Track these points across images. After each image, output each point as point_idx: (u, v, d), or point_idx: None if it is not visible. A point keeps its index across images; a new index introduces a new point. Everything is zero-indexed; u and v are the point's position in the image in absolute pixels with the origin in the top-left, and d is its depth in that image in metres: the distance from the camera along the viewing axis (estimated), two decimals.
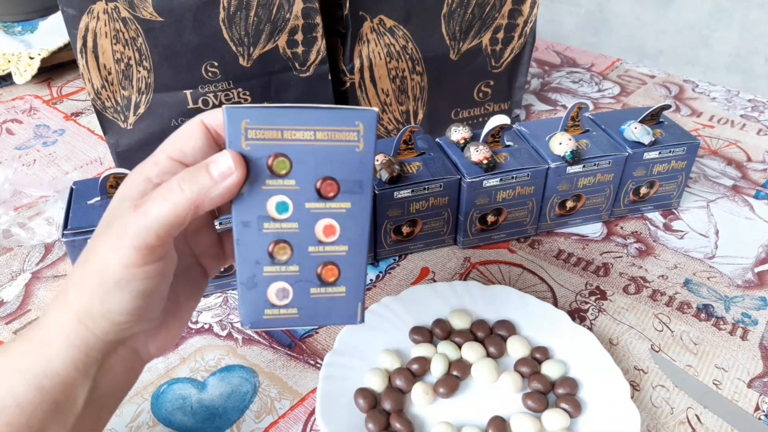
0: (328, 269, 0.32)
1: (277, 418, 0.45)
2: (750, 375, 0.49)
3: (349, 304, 0.33)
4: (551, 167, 0.58)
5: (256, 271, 0.31)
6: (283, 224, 0.31)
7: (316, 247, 0.32)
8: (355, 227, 0.32)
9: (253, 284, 0.31)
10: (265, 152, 0.30)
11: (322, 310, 0.32)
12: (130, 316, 0.30)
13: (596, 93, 0.91)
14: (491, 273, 0.58)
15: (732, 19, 1.85)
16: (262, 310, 0.32)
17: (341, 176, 0.31)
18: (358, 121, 0.30)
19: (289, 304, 0.32)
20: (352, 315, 0.33)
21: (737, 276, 0.58)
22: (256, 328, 0.31)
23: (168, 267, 0.31)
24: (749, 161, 0.75)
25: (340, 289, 0.32)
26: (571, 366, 0.47)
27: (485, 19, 0.68)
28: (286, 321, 0.32)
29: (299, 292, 0.32)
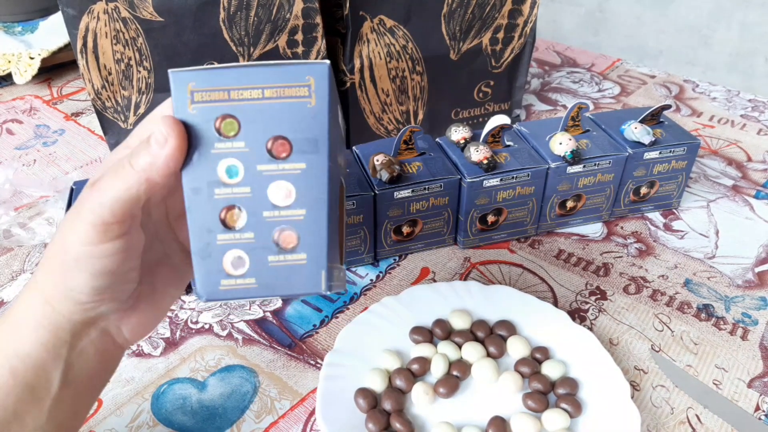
0: (286, 235, 0.30)
1: (277, 418, 0.45)
2: (750, 375, 0.49)
3: (310, 272, 0.30)
4: (551, 167, 0.58)
5: (210, 239, 0.30)
6: (235, 189, 0.29)
7: (270, 211, 0.30)
8: (312, 189, 0.30)
9: (207, 254, 0.30)
10: (212, 114, 0.29)
11: (282, 280, 0.30)
12: (93, 295, 0.30)
13: (596, 93, 0.91)
14: (491, 273, 0.58)
15: (732, 19, 1.85)
16: (218, 281, 0.30)
17: (293, 135, 0.29)
18: (308, 76, 0.29)
19: (246, 273, 0.30)
20: (315, 283, 0.30)
21: (737, 276, 0.58)
22: (212, 300, 0.30)
23: (130, 247, 0.30)
24: (749, 161, 0.75)
25: (300, 256, 0.30)
26: (571, 366, 0.47)
27: (485, 19, 0.68)
28: (244, 291, 0.30)
29: (256, 261, 0.30)
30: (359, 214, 0.54)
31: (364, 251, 0.57)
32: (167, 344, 0.51)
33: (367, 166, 0.56)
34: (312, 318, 0.53)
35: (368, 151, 0.58)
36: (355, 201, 0.53)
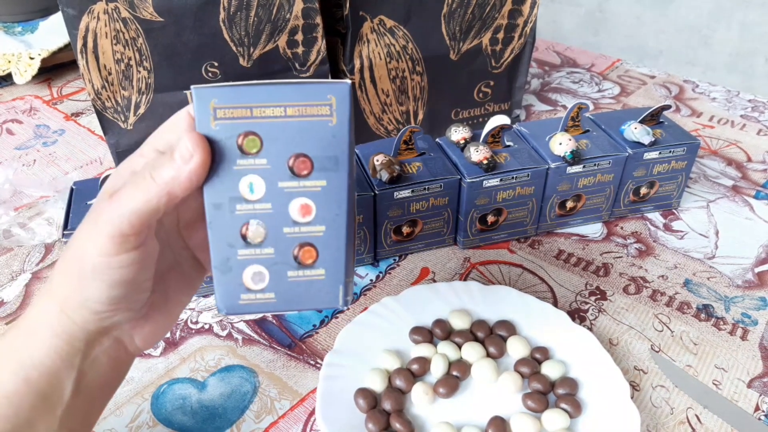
0: (305, 251, 0.30)
1: (277, 418, 0.45)
2: (750, 375, 0.49)
3: (329, 288, 0.31)
4: (551, 167, 0.58)
5: (230, 254, 0.30)
6: (256, 205, 0.30)
7: (291, 228, 0.30)
8: (332, 206, 0.30)
9: (227, 268, 0.30)
10: (234, 131, 0.29)
11: (301, 294, 0.31)
12: (109, 305, 0.30)
13: (596, 93, 0.91)
14: (491, 273, 0.58)
15: (732, 19, 1.85)
16: (238, 295, 0.31)
17: (314, 153, 0.30)
18: (329, 95, 0.29)
19: (266, 288, 0.31)
20: (333, 299, 0.31)
21: (737, 276, 0.58)
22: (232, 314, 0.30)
23: (146, 257, 0.30)
24: (749, 161, 0.75)
25: (318, 271, 0.31)
26: (571, 366, 0.47)
27: (485, 19, 0.68)
28: (263, 306, 0.31)
29: (276, 276, 0.30)
30: (359, 214, 0.54)
31: (364, 251, 0.57)
32: (167, 344, 0.51)
33: (367, 166, 0.56)
34: (312, 318, 0.53)
35: (368, 151, 0.58)
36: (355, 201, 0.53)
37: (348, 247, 0.31)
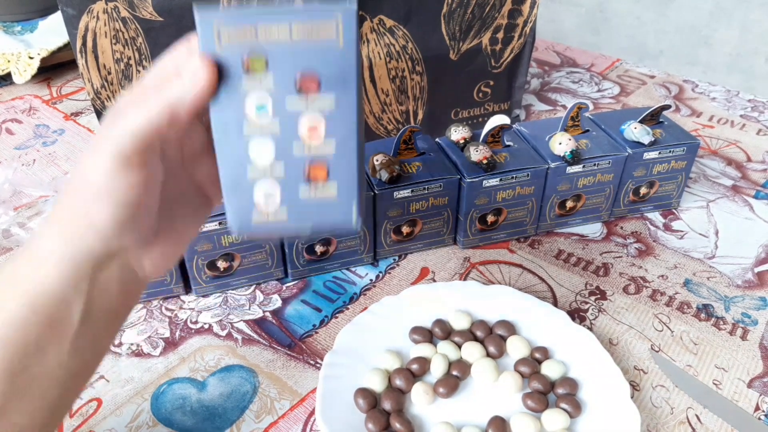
0: (316, 168, 0.30)
1: (277, 418, 0.45)
2: (750, 375, 0.49)
3: (342, 206, 0.31)
4: (551, 167, 0.58)
5: (240, 174, 0.30)
6: (264, 124, 0.30)
7: (300, 146, 0.30)
8: (341, 124, 0.30)
9: (237, 188, 0.30)
10: (239, 51, 0.29)
11: (313, 214, 0.31)
12: (114, 228, 0.29)
13: (596, 93, 0.91)
14: (491, 273, 0.58)
15: (732, 19, 1.85)
16: (250, 216, 0.30)
17: (322, 71, 0.29)
18: (335, 14, 0.29)
19: (277, 208, 0.30)
20: (346, 218, 0.31)
21: (737, 276, 0.58)
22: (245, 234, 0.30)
23: (150, 179, 0.30)
24: (749, 161, 0.75)
25: (330, 190, 0.30)
26: (571, 366, 0.47)
27: (485, 19, 0.68)
28: (276, 226, 0.31)
29: (287, 195, 0.30)
30: None
31: (363, 251, 0.57)
32: (167, 344, 0.51)
33: (367, 166, 0.56)
34: (311, 318, 0.53)
35: (368, 151, 0.58)
36: None
37: (359, 165, 0.31)
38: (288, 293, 0.56)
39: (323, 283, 0.57)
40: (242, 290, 0.56)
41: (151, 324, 0.53)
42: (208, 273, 0.53)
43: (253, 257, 0.54)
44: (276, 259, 0.55)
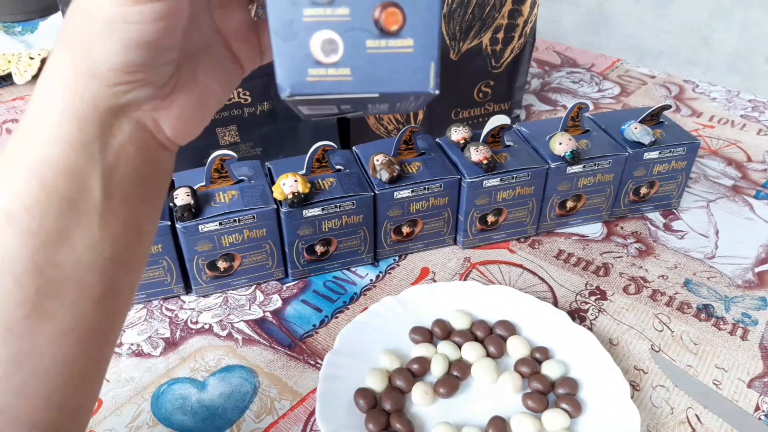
0: (390, 13, 0.24)
1: (277, 418, 0.45)
2: (750, 375, 0.49)
3: (418, 64, 0.24)
4: (551, 167, 0.58)
5: (294, 14, 0.23)
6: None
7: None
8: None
9: (291, 33, 0.24)
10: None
11: (383, 71, 0.24)
12: (123, 73, 0.24)
13: (596, 93, 0.91)
14: (491, 273, 0.58)
15: (732, 19, 1.85)
16: (305, 69, 0.24)
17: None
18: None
19: (340, 61, 0.24)
20: (423, 79, 0.25)
21: (737, 276, 0.58)
22: (298, 94, 0.24)
23: (173, 14, 0.24)
24: (749, 161, 0.75)
25: (406, 42, 0.24)
26: (571, 366, 0.47)
27: (485, 19, 0.68)
28: (336, 85, 0.24)
29: (352, 45, 0.24)
30: (359, 214, 0.54)
31: (363, 251, 0.57)
32: (167, 344, 0.51)
33: (367, 166, 0.56)
34: (312, 318, 0.53)
35: (368, 151, 0.58)
36: (355, 201, 0.53)
37: (441, 12, 0.24)
38: (288, 293, 0.56)
39: (323, 283, 0.57)
40: (242, 290, 0.56)
41: (151, 324, 0.53)
42: (208, 273, 0.53)
43: (253, 257, 0.54)
44: (276, 260, 0.55)
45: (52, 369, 0.26)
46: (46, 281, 0.25)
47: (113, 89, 0.24)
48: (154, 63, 0.25)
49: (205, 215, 0.50)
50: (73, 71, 0.24)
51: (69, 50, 0.24)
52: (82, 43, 0.24)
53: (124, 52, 0.23)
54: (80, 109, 0.24)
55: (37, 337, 0.25)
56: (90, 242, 0.26)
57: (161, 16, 0.23)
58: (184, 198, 0.50)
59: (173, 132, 0.28)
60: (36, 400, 0.26)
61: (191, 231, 0.50)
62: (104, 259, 0.26)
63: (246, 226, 0.52)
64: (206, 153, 0.54)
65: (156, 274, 0.52)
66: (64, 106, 0.24)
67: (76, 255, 0.25)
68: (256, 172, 0.55)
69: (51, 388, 0.26)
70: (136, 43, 0.23)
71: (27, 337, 0.25)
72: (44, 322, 0.25)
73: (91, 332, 0.27)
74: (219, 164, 0.52)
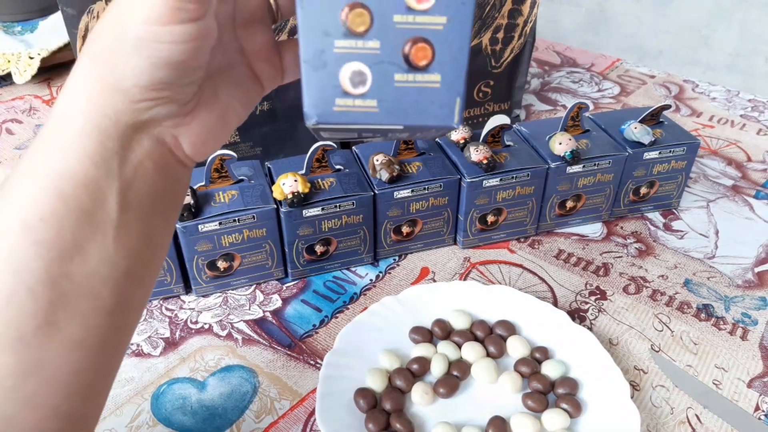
0: (419, 48, 0.24)
1: (277, 418, 0.45)
2: (750, 375, 0.49)
3: (444, 99, 0.25)
4: (551, 167, 0.58)
5: (325, 45, 0.24)
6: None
7: (403, 15, 0.24)
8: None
9: (320, 63, 0.24)
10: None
11: (409, 105, 0.25)
12: (149, 90, 0.24)
13: (596, 93, 0.91)
14: (491, 273, 0.58)
15: (732, 19, 1.85)
16: (333, 99, 0.24)
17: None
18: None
19: (367, 93, 0.24)
20: (448, 114, 0.25)
21: (737, 276, 0.58)
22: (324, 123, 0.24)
23: (204, 36, 0.24)
24: (749, 161, 0.75)
25: (433, 77, 0.24)
26: (571, 366, 0.47)
27: (485, 19, 0.68)
28: (363, 116, 0.25)
29: (380, 78, 0.24)
30: (359, 214, 0.54)
31: (363, 251, 0.57)
32: (167, 344, 0.51)
33: (367, 166, 0.56)
34: (311, 318, 0.53)
35: (368, 151, 0.58)
36: (355, 201, 0.53)
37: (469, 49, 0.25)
38: (288, 293, 0.56)
39: (323, 283, 0.57)
40: (242, 290, 0.56)
41: (151, 324, 0.53)
42: (208, 273, 0.53)
43: (253, 257, 0.54)
44: (276, 259, 0.55)
45: (62, 380, 0.26)
46: (60, 293, 0.25)
47: (137, 105, 0.25)
48: (181, 82, 0.25)
49: (204, 215, 0.50)
50: (98, 85, 0.24)
51: (95, 64, 0.24)
52: (111, 58, 0.24)
53: (152, 70, 0.24)
54: (102, 123, 0.25)
55: (48, 348, 0.25)
56: (104, 255, 0.26)
57: (192, 38, 0.23)
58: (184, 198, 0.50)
59: (192, 149, 0.28)
60: (44, 410, 0.26)
61: (191, 231, 0.50)
62: (118, 272, 0.27)
63: (246, 226, 0.52)
64: None
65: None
66: (86, 119, 0.24)
67: (90, 268, 0.25)
68: (256, 172, 0.55)
69: (59, 398, 0.26)
70: (165, 62, 0.24)
71: (38, 348, 0.25)
72: (55, 333, 0.25)
73: (102, 344, 0.27)
74: (219, 164, 0.52)
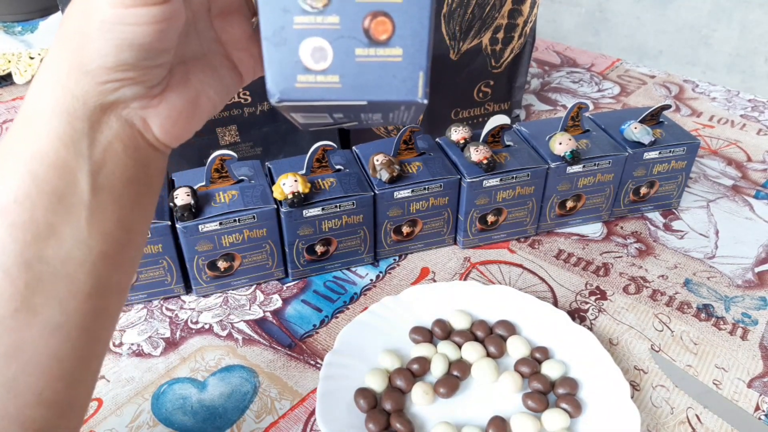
0: (379, 22, 0.24)
1: (278, 418, 0.45)
2: (750, 375, 0.49)
3: (406, 73, 0.25)
4: (551, 167, 0.58)
5: (285, 21, 0.24)
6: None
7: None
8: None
9: (280, 40, 0.24)
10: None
11: (371, 79, 0.25)
12: (115, 71, 0.25)
13: (596, 93, 0.91)
14: (491, 273, 0.58)
15: (732, 19, 1.85)
16: (294, 76, 0.24)
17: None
18: None
19: (329, 68, 0.24)
20: (411, 88, 0.25)
21: (737, 276, 0.58)
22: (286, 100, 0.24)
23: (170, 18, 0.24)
24: (749, 161, 0.75)
25: (395, 51, 0.24)
26: (571, 366, 0.47)
27: (485, 19, 0.68)
28: (325, 92, 0.25)
29: (341, 53, 0.24)
30: (359, 214, 0.54)
31: (363, 251, 0.57)
32: (167, 344, 0.51)
33: (367, 166, 0.56)
34: (312, 318, 0.53)
35: (368, 151, 0.58)
36: (355, 201, 0.53)
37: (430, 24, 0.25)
38: (288, 293, 0.56)
39: (323, 283, 0.57)
40: (242, 290, 0.56)
41: (151, 324, 0.53)
42: (208, 273, 0.53)
43: (253, 257, 0.54)
44: (276, 259, 0.55)
45: (43, 365, 0.26)
46: (35, 276, 0.25)
47: (103, 87, 0.25)
48: (146, 64, 0.25)
49: (205, 215, 0.50)
50: (66, 67, 0.25)
51: (64, 48, 0.25)
52: (77, 40, 0.24)
53: (117, 51, 0.24)
54: (70, 104, 0.25)
55: (27, 332, 0.25)
56: (79, 238, 0.26)
57: (157, 20, 0.24)
58: (184, 198, 0.50)
59: (162, 132, 0.28)
60: (26, 397, 0.26)
61: (191, 231, 0.50)
62: (93, 255, 0.27)
63: (246, 226, 0.52)
64: (206, 153, 0.54)
65: (156, 274, 0.52)
66: (56, 101, 0.25)
67: (65, 250, 0.26)
68: (256, 172, 0.55)
69: (41, 384, 0.26)
70: (130, 43, 0.24)
71: (17, 332, 0.25)
72: (34, 317, 0.25)
73: (81, 329, 0.27)
74: (219, 164, 0.52)
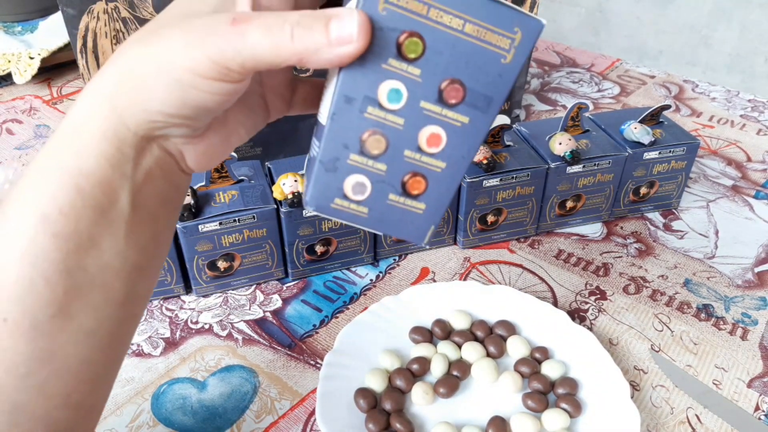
0: (416, 181, 0.28)
1: (277, 418, 0.45)
2: (750, 375, 0.49)
3: (421, 223, 0.29)
4: (551, 167, 0.58)
5: (342, 155, 0.27)
6: (389, 115, 0.27)
7: (413, 152, 0.28)
8: (463, 147, 0.28)
9: (332, 167, 0.27)
10: (400, 25, 0.25)
11: (393, 220, 0.29)
12: (173, 119, 0.27)
13: (596, 93, 0.91)
14: (491, 273, 0.58)
15: (732, 19, 1.85)
16: (332, 198, 0.28)
17: (472, 84, 0.27)
18: (517, 27, 0.26)
19: (363, 201, 0.28)
20: (420, 235, 0.29)
21: (737, 276, 0.58)
22: (319, 212, 0.28)
23: (233, 94, 0.27)
24: (749, 161, 0.75)
25: (419, 205, 0.29)
26: (571, 366, 0.47)
27: None
28: (352, 217, 0.29)
29: (377, 193, 0.28)
30: None
31: (363, 251, 0.57)
32: (167, 344, 0.51)
33: None
34: (312, 318, 0.53)
35: None
36: None
37: (455, 193, 0.29)
38: (288, 293, 0.56)
39: (323, 283, 0.57)
40: (242, 290, 0.56)
41: (151, 324, 0.53)
42: (208, 273, 0.53)
43: (253, 257, 0.54)
44: (276, 260, 0.55)
45: (73, 368, 0.27)
46: (74, 283, 0.26)
47: (155, 124, 0.27)
48: (201, 117, 0.28)
49: (205, 215, 0.50)
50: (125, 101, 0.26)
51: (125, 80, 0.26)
52: (144, 81, 0.26)
53: (180, 106, 0.26)
54: (121, 131, 0.27)
55: (61, 337, 0.26)
56: (117, 249, 0.28)
57: (227, 93, 0.26)
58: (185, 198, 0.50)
59: (194, 162, 0.31)
60: (55, 399, 0.27)
61: (191, 231, 0.50)
62: (129, 265, 0.28)
63: (246, 226, 0.52)
64: None
65: None
66: (108, 126, 0.27)
67: (104, 260, 0.27)
68: (256, 172, 0.55)
69: (70, 387, 0.27)
70: (194, 104, 0.26)
71: (52, 336, 0.26)
72: (68, 323, 0.26)
73: (111, 334, 0.28)
74: (219, 164, 0.52)
